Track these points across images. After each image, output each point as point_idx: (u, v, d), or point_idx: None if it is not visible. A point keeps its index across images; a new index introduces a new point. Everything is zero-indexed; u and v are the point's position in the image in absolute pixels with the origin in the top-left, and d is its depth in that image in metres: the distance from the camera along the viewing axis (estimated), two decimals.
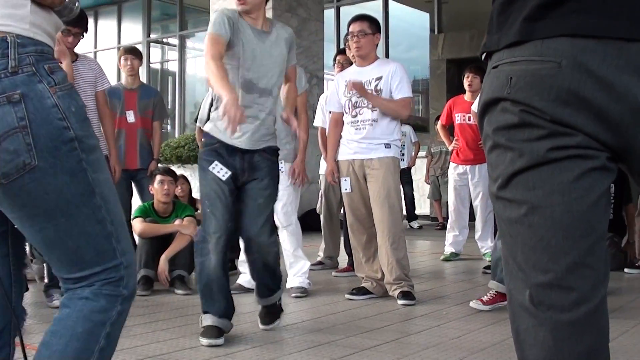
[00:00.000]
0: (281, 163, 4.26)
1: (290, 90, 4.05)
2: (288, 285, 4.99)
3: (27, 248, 4.20)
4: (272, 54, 3.69)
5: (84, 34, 4.90)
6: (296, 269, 5.00)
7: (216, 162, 3.62)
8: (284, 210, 4.95)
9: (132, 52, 6.29)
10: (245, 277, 5.08)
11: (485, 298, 4.38)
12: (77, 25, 4.78)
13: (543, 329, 1.35)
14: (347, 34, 5.37)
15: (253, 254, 3.76)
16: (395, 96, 4.73)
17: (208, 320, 3.59)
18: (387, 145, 4.72)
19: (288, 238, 5.02)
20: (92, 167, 1.71)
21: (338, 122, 4.96)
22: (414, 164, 10.58)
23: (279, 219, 5.01)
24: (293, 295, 4.87)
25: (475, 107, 5.92)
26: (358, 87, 4.70)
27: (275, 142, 3.81)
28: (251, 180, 3.68)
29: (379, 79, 4.74)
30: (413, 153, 10.38)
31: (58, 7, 1.75)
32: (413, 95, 4.83)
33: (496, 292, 4.36)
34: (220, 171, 3.61)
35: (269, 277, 3.80)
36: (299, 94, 4.60)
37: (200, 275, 3.65)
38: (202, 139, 3.80)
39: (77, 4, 1.81)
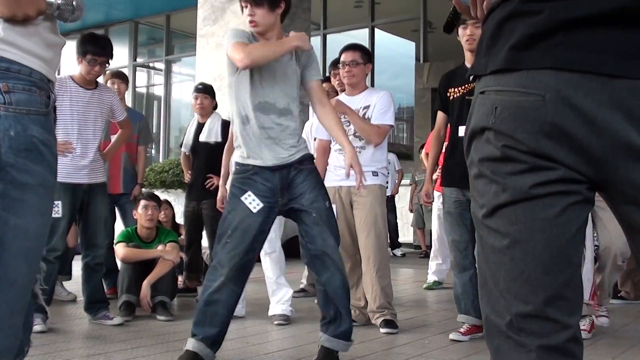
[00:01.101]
0: None
1: (326, 112, 3.74)
2: (270, 313, 4.97)
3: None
4: (287, 72, 3.57)
5: (110, 61, 4.91)
6: (279, 297, 4.99)
7: (249, 193, 3.51)
8: (268, 237, 4.92)
9: (118, 76, 6.30)
10: None
11: (462, 330, 4.40)
12: (103, 54, 4.78)
13: (524, 350, 1.39)
14: (333, 62, 5.40)
15: (328, 270, 3.61)
16: (374, 121, 4.74)
17: (190, 344, 3.49)
18: (375, 173, 4.72)
19: (271, 265, 5.01)
20: (6, 203, 1.55)
21: (325, 149, 4.98)
22: (397, 192, 10.61)
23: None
24: (275, 322, 4.85)
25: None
26: (339, 105, 4.67)
27: (306, 150, 3.69)
28: (295, 199, 3.58)
29: (367, 107, 4.76)
30: (397, 181, 10.41)
31: (54, 12, 1.67)
32: (397, 124, 4.83)
33: (470, 324, 4.38)
34: (253, 202, 3.50)
35: (347, 296, 3.72)
36: None
37: (202, 295, 3.56)
38: (235, 166, 3.70)
39: (74, 3, 1.71)
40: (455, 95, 4.44)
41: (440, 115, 4.66)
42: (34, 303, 1.89)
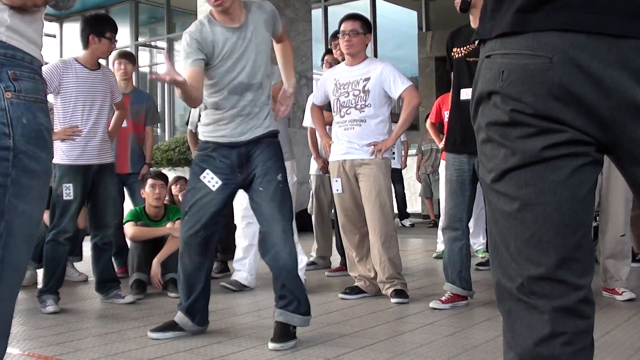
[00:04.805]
0: None
1: (286, 47, 3.98)
2: None
3: None
4: (255, 46, 3.60)
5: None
6: None
7: (208, 171, 3.59)
8: None
9: (126, 57, 6.29)
10: (241, 275, 5.08)
11: (443, 298, 4.41)
12: (116, 30, 4.94)
13: (536, 312, 1.40)
14: (335, 32, 5.38)
15: (269, 253, 3.61)
16: (396, 94, 4.74)
17: (176, 316, 3.80)
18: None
19: None
20: (16, 189, 1.55)
21: (318, 108, 5.17)
22: (405, 166, 10.57)
23: None
24: None
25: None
26: (382, 147, 4.71)
27: (274, 126, 3.71)
28: (250, 173, 3.60)
29: (367, 79, 4.74)
30: (403, 152, 10.36)
31: (42, 6, 1.66)
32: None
33: (452, 293, 4.40)
34: (211, 181, 3.58)
35: (293, 277, 3.65)
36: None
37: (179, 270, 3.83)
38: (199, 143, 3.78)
39: None
40: (457, 56, 4.41)
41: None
42: None
